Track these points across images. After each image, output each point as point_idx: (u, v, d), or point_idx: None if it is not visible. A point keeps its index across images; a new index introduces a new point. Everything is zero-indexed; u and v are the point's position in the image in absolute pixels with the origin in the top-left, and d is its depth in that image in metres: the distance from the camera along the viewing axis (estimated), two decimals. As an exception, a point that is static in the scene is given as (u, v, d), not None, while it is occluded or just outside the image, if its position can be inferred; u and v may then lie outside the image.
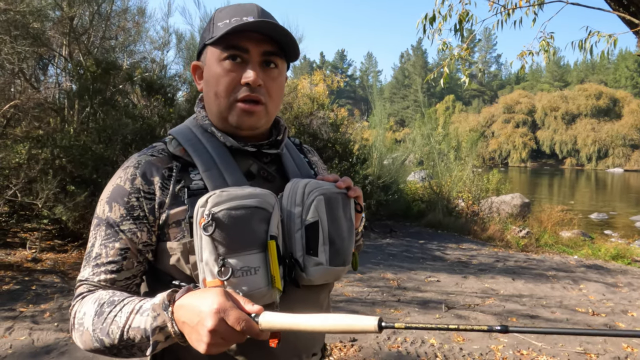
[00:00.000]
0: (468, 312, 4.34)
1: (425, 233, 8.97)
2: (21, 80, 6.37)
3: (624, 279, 6.14)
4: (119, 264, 0.85)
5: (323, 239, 0.91)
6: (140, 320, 0.74)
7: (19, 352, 3.13)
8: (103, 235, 0.86)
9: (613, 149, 52.78)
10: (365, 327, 0.68)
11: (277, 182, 0.97)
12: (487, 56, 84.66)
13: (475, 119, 59.82)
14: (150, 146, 0.95)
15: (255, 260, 0.81)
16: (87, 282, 0.86)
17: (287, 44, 0.91)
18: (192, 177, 0.89)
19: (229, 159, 0.92)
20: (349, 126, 10.43)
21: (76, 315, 0.83)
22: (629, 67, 64.75)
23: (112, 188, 0.88)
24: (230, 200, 0.80)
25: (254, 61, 0.89)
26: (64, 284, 4.49)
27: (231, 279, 0.78)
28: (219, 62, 0.90)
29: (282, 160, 1.01)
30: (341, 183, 0.97)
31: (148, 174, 0.87)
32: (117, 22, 7.59)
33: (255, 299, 0.79)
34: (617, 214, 16.81)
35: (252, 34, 0.88)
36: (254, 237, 0.81)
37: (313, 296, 0.97)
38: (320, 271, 0.90)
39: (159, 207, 0.87)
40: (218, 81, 0.90)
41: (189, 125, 0.97)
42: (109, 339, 0.77)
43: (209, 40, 0.91)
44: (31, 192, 5.20)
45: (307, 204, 0.90)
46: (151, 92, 6.48)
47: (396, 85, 77.70)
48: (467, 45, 4.95)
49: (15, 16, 5.40)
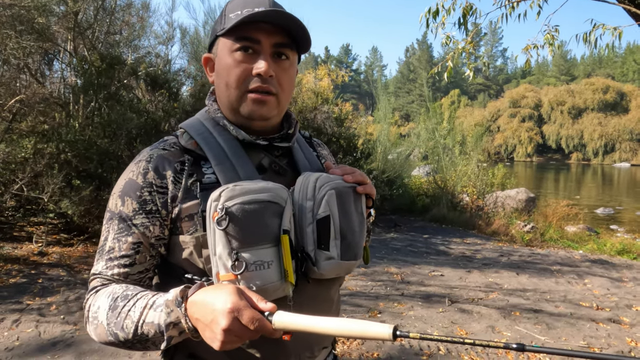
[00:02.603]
0: (471, 306, 4.34)
1: (429, 227, 8.96)
2: (26, 75, 6.40)
3: (629, 273, 6.11)
4: (132, 257, 0.86)
5: (334, 233, 0.91)
6: (154, 316, 0.75)
7: (25, 344, 3.17)
8: (116, 229, 0.87)
9: (620, 144, 52.36)
10: (380, 334, 0.68)
11: (288, 176, 0.97)
12: (493, 50, 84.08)
13: (481, 113, 59.49)
14: (161, 140, 0.95)
15: (269, 255, 0.81)
16: (100, 276, 0.87)
17: (299, 35, 0.91)
18: (204, 171, 0.89)
19: (241, 152, 0.92)
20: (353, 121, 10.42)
21: (90, 308, 0.84)
22: (636, 60, 64.14)
23: (124, 182, 0.89)
24: (243, 194, 0.80)
25: (266, 52, 0.89)
26: (70, 277, 4.53)
27: (245, 273, 0.78)
28: (230, 53, 0.90)
29: (293, 153, 1.01)
30: (349, 177, 0.96)
31: (160, 167, 0.88)
32: (122, 16, 7.59)
33: (269, 293, 0.81)
34: (624, 209, 16.70)
35: (263, 25, 0.88)
36: (267, 231, 0.81)
37: (324, 290, 0.97)
38: (331, 265, 0.90)
39: (171, 200, 0.87)
40: (229, 72, 0.90)
41: (200, 119, 0.97)
42: (123, 333, 0.78)
43: (220, 31, 0.91)
44: (37, 187, 5.24)
45: (318, 198, 0.89)
46: (155, 86, 6.50)
47: (401, 79, 77.37)
48: (472, 39, 4.92)
49: (20, 11, 5.42)
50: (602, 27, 3.70)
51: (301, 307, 0.87)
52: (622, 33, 3.59)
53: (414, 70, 74.15)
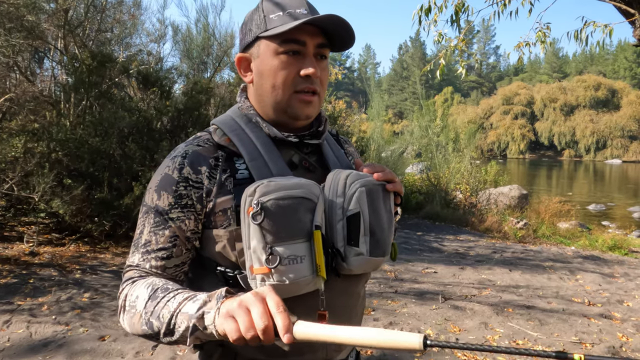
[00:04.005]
0: (465, 303, 4.36)
1: (423, 225, 8.99)
2: (16, 74, 6.33)
3: (621, 269, 6.17)
4: (169, 250, 0.89)
5: (364, 230, 0.92)
6: (190, 307, 0.75)
7: (17, 345, 3.14)
8: (152, 222, 0.89)
9: (611, 140, 52.76)
10: (409, 344, 0.66)
11: (318, 173, 0.99)
12: (486, 47, 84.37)
13: (474, 110, 59.70)
14: (195, 136, 0.97)
15: (301, 249, 0.83)
16: (137, 268, 0.89)
17: (343, 37, 0.94)
18: (237, 167, 0.92)
19: (273, 148, 0.94)
20: (347, 118, 10.42)
21: (127, 297, 0.85)
22: (627, 57, 64.57)
23: (160, 177, 0.91)
24: (277, 190, 0.82)
25: (310, 54, 0.92)
26: (61, 277, 4.50)
27: (278, 266, 0.80)
28: (275, 55, 0.91)
29: (322, 151, 1.03)
30: (379, 175, 0.98)
31: (196, 163, 0.90)
32: (113, 14, 7.53)
33: (301, 287, 0.84)
34: (615, 205, 16.85)
35: (307, 27, 0.90)
36: (301, 227, 0.83)
37: (352, 285, 0.99)
38: (360, 261, 0.92)
39: (206, 195, 0.89)
40: (276, 74, 0.92)
41: (232, 116, 0.99)
42: (158, 322, 0.78)
43: (263, 33, 0.92)
44: (28, 186, 5.19)
45: (348, 195, 0.91)
46: (147, 85, 6.45)
47: (394, 77, 77.46)
48: (464, 37, 4.93)
49: (9, 8, 5.36)
50: (593, 25, 3.72)
51: (331, 300, 0.92)
52: (612, 30, 3.61)
53: (407, 67, 74.26)
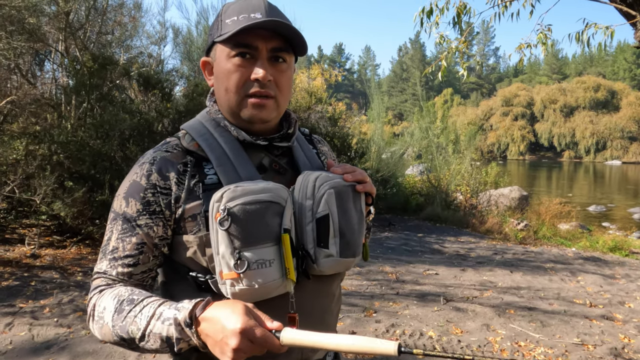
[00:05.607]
0: (466, 305, 4.36)
1: (423, 226, 8.99)
2: (17, 76, 6.34)
3: (622, 270, 6.17)
4: (136, 258, 0.89)
5: (333, 232, 0.92)
6: (162, 328, 0.77)
7: (19, 348, 3.14)
8: (120, 229, 0.89)
9: (611, 142, 52.81)
10: (384, 350, 0.71)
11: (288, 175, 0.99)
12: (486, 49, 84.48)
13: (474, 112, 59.76)
14: (164, 142, 0.97)
15: (270, 253, 0.83)
16: (104, 275, 0.89)
17: (295, 40, 0.93)
18: (206, 172, 0.92)
19: (242, 152, 0.94)
20: (347, 120, 10.42)
21: (96, 308, 0.86)
22: (627, 59, 64.66)
23: (128, 184, 0.91)
24: (244, 195, 0.82)
25: (263, 57, 0.91)
26: (63, 280, 4.50)
27: (247, 271, 0.81)
28: (228, 58, 0.92)
29: (293, 152, 1.03)
30: (348, 176, 0.98)
31: (164, 169, 0.90)
32: (114, 16, 7.54)
33: (270, 290, 0.84)
34: (615, 206, 16.85)
35: (260, 30, 0.90)
36: (268, 231, 0.84)
37: (325, 285, 1.00)
38: (330, 262, 0.92)
39: (175, 201, 0.89)
40: (228, 77, 0.92)
41: (201, 120, 0.99)
42: (128, 337, 0.80)
43: (217, 37, 0.92)
44: (29, 188, 5.19)
45: (317, 197, 0.91)
46: (148, 87, 6.46)
47: (394, 78, 77.53)
48: (465, 38, 4.93)
49: (11, 11, 5.37)
50: (595, 26, 3.73)
51: (302, 302, 0.92)
52: (614, 32, 3.62)
53: (407, 69, 74.33)
